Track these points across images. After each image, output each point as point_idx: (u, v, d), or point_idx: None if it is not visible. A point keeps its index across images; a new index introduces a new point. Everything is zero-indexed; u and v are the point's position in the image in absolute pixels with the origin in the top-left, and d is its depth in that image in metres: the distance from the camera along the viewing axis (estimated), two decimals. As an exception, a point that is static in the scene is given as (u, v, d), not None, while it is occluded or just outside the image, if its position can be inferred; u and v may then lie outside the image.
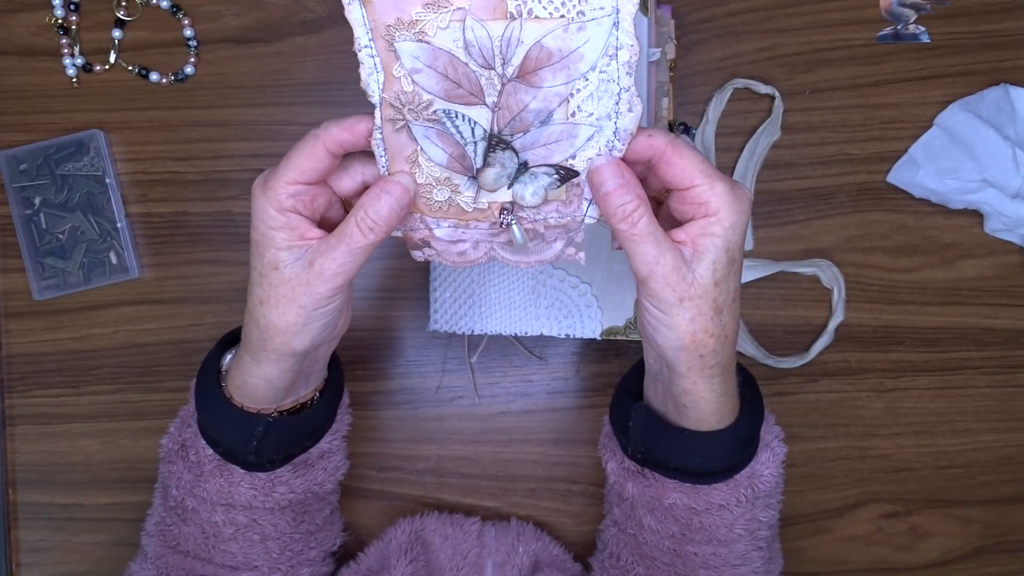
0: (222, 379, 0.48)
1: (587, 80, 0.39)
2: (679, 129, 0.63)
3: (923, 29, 0.63)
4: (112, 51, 0.63)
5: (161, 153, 0.64)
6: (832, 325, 0.64)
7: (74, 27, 0.63)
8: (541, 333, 0.61)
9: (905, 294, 0.64)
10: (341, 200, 0.44)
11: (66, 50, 0.63)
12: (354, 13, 0.38)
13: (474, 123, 0.40)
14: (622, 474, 0.50)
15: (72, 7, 0.63)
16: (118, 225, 0.63)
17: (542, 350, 0.65)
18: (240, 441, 0.47)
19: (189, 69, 0.63)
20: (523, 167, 0.41)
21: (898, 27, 0.63)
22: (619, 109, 0.39)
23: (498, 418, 0.65)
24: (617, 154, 0.40)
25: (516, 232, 0.42)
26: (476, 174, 0.41)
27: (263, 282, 0.42)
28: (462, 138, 0.40)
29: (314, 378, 0.49)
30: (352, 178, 0.43)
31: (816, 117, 0.63)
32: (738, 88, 0.63)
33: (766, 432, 0.49)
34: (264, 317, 0.42)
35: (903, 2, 0.62)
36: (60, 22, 0.63)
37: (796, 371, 0.65)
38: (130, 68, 0.63)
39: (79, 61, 0.63)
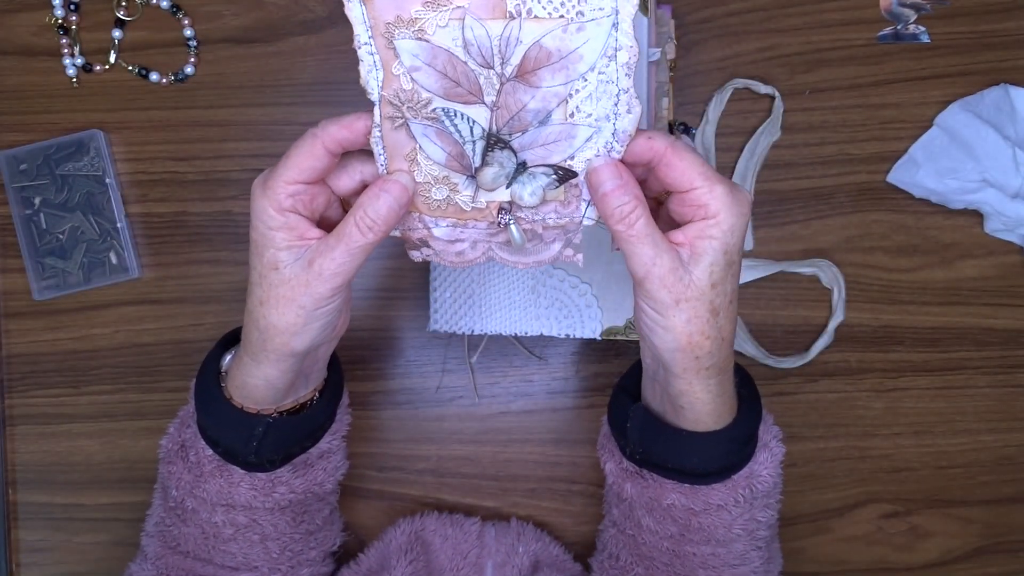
0: (222, 380, 0.48)
1: (586, 81, 0.39)
2: (679, 129, 0.63)
3: (923, 29, 0.63)
4: (112, 51, 0.63)
5: (161, 153, 0.64)
6: (832, 325, 0.64)
7: (74, 27, 0.63)
8: (541, 333, 0.61)
9: (905, 294, 0.64)
10: (340, 200, 0.44)
11: (66, 50, 0.63)
12: (354, 11, 0.38)
13: (473, 122, 0.40)
14: (620, 475, 0.50)
15: (72, 7, 0.63)
16: (118, 225, 0.63)
17: (542, 350, 0.65)
18: (240, 441, 0.47)
19: (189, 69, 0.63)
20: (521, 167, 0.41)
21: (898, 27, 0.63)
22: (618, 110, 0.39)
23: (498, 418, 0.65)
24: (616, 155, 0.40)
25: (514, 232, 0.42)
26: (474, 173, 0.41)
27: (263, 283, 0.42)
28: (460, 137, 0.40)
29: (314, 378, 0.49)
30: (351, 177, 0.43)
31: (816, 117, 0.63)
32: (738, 88, 0.63)
33: (764, 432, 0.49)
34: (264, 318, 0.42)
35: (903, 2, 0.62)
36: (60, 22, 0.63)
37: (796, 371, 0.65)
38: (130, 68, 0.63)
39: (79, 61, 0.63)
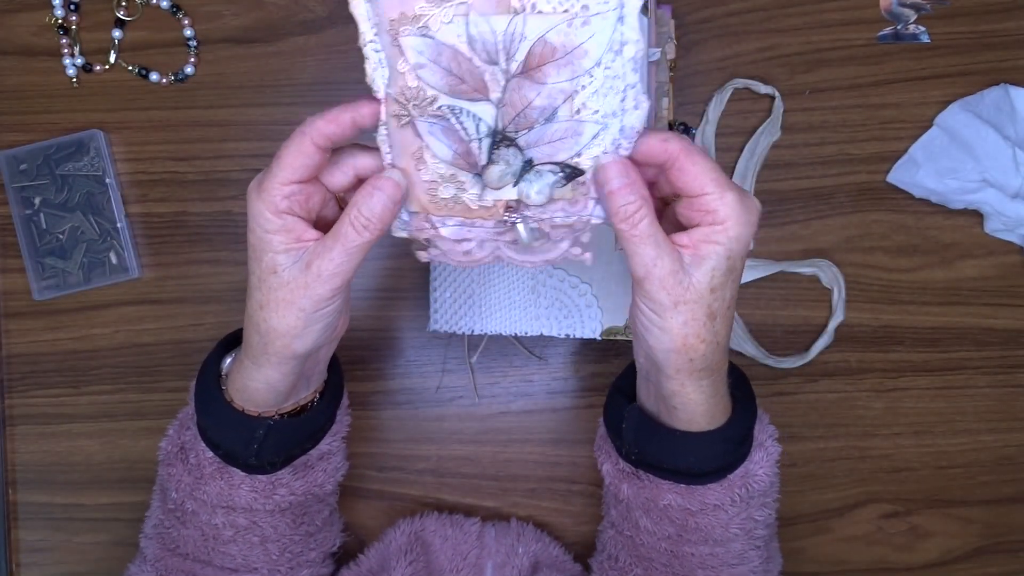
0: (222, 382, 0.48)
1: (592, 76, 0.38)
2: (679, 129, 0.63)
3: (923, 29, 0.63)
4: (112, 51, 0.63)
5: (161, 153, 0.64)
6: (832, 325, 0.64)
7: (74, 27, 0.63)
8: (541, 333, 0.61)
9: (905, 294, 0.64)
10: (335, 198, 0.44)
11: (66, 50, 0.63)
12: (359, 8, 0.37)
13: (478, 119, 0.39)
14: (617, 476, 0.50)
15: (72, 7, 0.63)
16: (118, 225, 0.63)
17: (542, 350, 0.65)
18: (241, 444, 0.47)
19: (189, 69, 0.63)
20: (528, 165, 0.40)
21: (898, 27, 0.63)
22: (625, 106, 0.39)
23: (498, 418, 0.65)
24: (624, 152, 0.40)
25: (522, 231, 0.42)
26: (481, 171, 0.41)
27: (262, 286, 0.42)
28: (467, 134, 0.40)
29: (315, 380, 0.49)
30: (344, 172, 0.42)
31: (816, 117, 0.63)
32: (738, 88, 0.63)
33: (760, 431, 0.49)
34: (264, 321, 0.42)
35: (903, 2, 0.62)
36: (60, 22, 0.63)
37: (796, 371, 0.65)
38: (130, 68, 0.63)
39: (79, 61, 0.63)
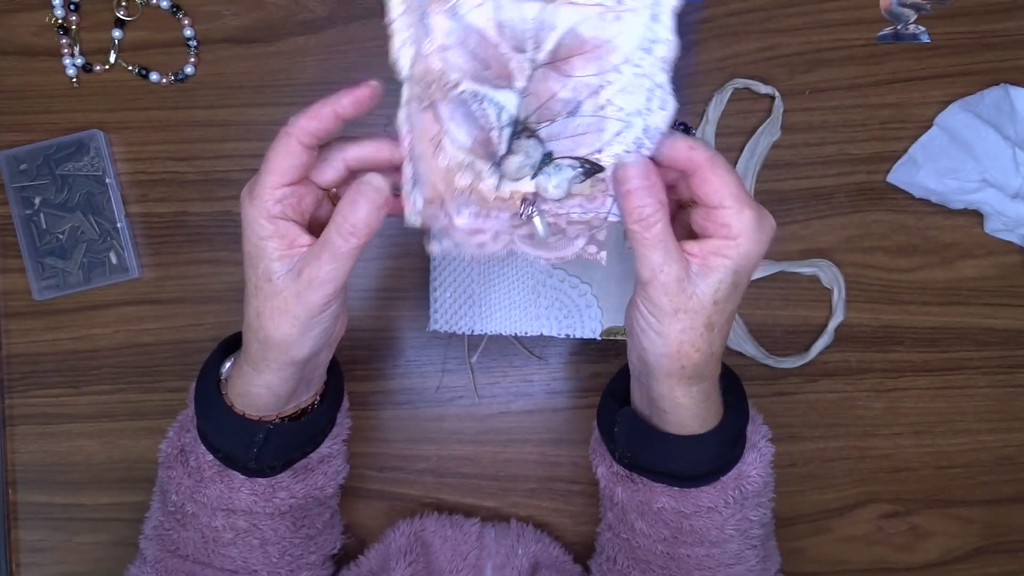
0: (222, 387, 0.48)
1: (620, 73, 0.37)
2: (679, 129, 0.63)
3: (923, 29, 0.63)
4: (112, 51, 0.63)
5: (161, 153, 0.64)
6: (832, 325, 0.64)
7: (74, 27, 0.63)
8: (541, 333, 0.61)
9: (905, 294, 0.64)
10: (329, 196, 0.44)
11: (66, 50, 0.63)
12: None
13: (501, 107, 0.39)
14: (612, 479, 0.50)
15: (72, 7, 0.63)
16: (118, 225, 0.63)
17: (542, 350, 0.65)
18: (240, 448, 0.47)
19: (189, 69, 0.63)
20: (548, 157, 0.40)
21: (898, 27, 0.63)
22: (651, 106, 0.38)
23: (498, 418, 0.65)
24: (646, 152, 0.39)
25: (538, 224, 0.41)
26: (500, 161, 0.40)
27: (258, 294, 0.41)
28: (488, 122, 0.39)
29: (315, 384, 0.49)
30: (333, 167, 0.42)
31: (816, 117, 0.63)
32: (738, 88, 0.63)
33: (753, 432, 0.49)
34: (262, 329, 0.42)
35: (903, 2, 0.62)
36: (60, 22, 0.63)
37: (796, 371, 0.65)
38: (130, 68, 0.63)
39: (79, 61, 0.63)
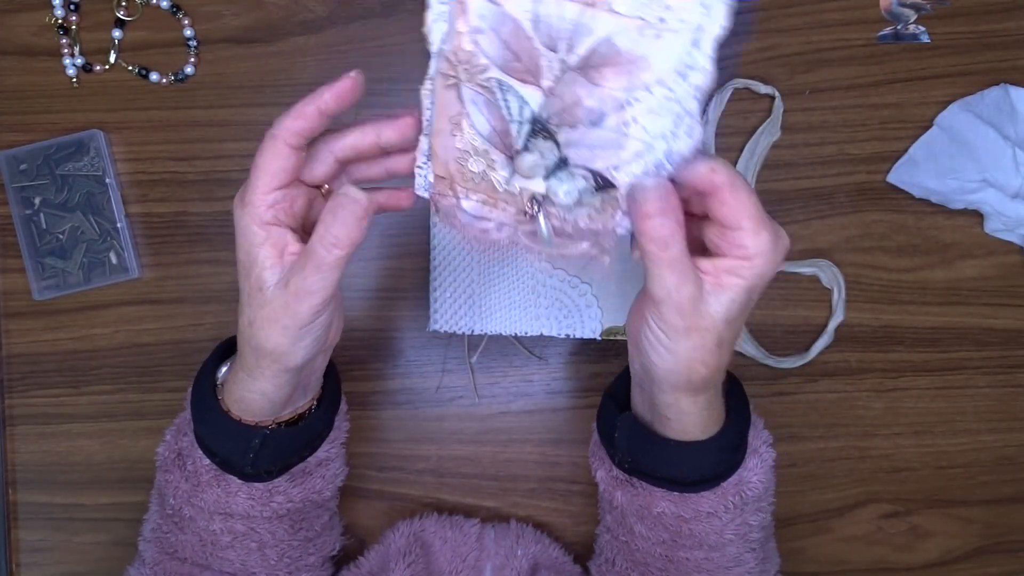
0: (218, 392, 0.48)
1: (650, 93, 0.36)
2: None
3: (923, 29, 0.63)
4: (112, 51, 0.63)
5: (161, 153, 0.64)
6: (832, 325, 0.64)
7: (74, 27, 0.63)
8: (541, 333, 0.61)
9: (905, 294, 0.64)
10: (322, 194, 0.44)
11: (66, 50, 0.63)
12: None
13: (523, 102, 0.38)
14: (611, 483, 0.50)
15: (72, 7, 0.63)
16: (118, 225, 0.63)
17: (542, 350, 0.65)
18: (237, 453, 0.47)
19: (189, 69, 0.63)
20: (562, 163, 0.39)
21: (898, 27, 0.63)
22: (676, 131, 0.37)
23: (498, 418, 0.65)
24: (664, 174, 0.38)
25: (542, 226, 0.40)
26: (514, 155, 0.39)
27: (251, 303, 0.41)
28: (509, 114, 0.38)
29: (312, 388, 0.49)
30: (323, 162, 0.42)
31: (816, 117, 0.63)
32: (738, 88, 0.63)
33: (754, 437, 0.49)
34: (254, 338, 0.42)
35: (903, 2, 0.62)
36: (60, 22, 0.63)
37: (796, 371, 0.65)
38: (130, 68, 0.63)
39: (79, 61, 0.63)
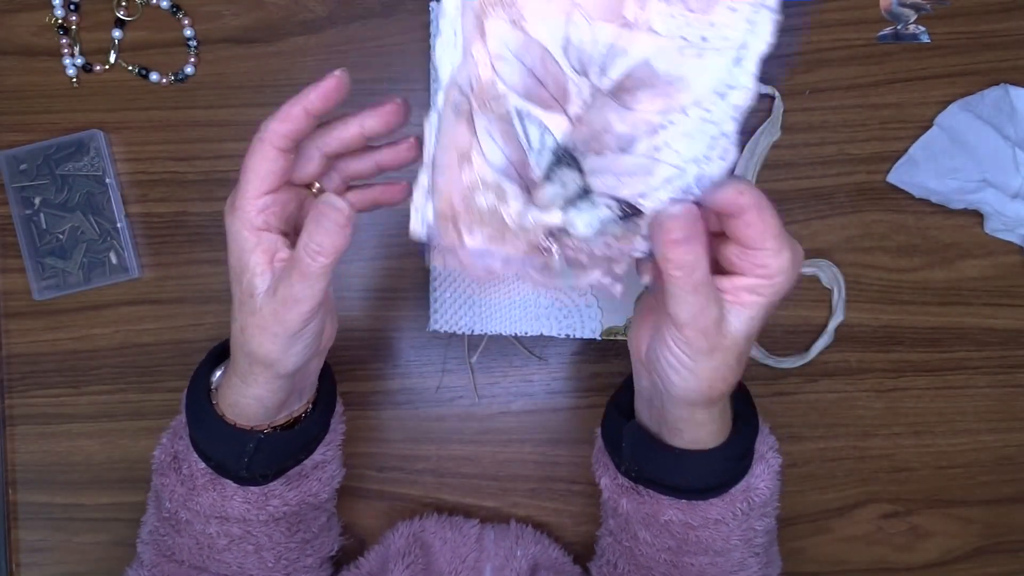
0: (212, 396, 0.48)
1: (686, 115, 0.34)
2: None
3: (923, 29, 0.63)
4: (112, 51, 0.63)
5: (161, 153, 0.64)
6: (832, 325, 0.64)
7: (74, 27, 0.63)
8: (541, 333, 0.61)
9: (905, 294, 0.64)
10: (313, 194, 0.44)
11: (66, 50, 0.63)
12: None
13: (546, 130, 0.35)
14: (616, 490, 0.49)
15: (72, 7, 0.63)
16: (118, 225, 0.63)
17: (542, 350, 0.65)
18: (231, 457, 0.47)
19: (189, 69, 0.63)
20: (585, 192, 0.36)
21: (898, 27, 0.63)
22: (710, 155, 0.35)
23: (498, 418, 0.65)
24: (691, 197, 0.36)
25: (558, 263, 0.38)
26: (531, 187, 0.36)
27: (242, 309, 0.41)
28: (528, 143, 0.35)
29: (307, 392, 0.49)
30: (309, 158, 0.42)
31: (816, 117, 0.63)
32: (738, 88, 0.63)
33: (760, 443, 0.48)
34: (246, 344, 0.42)
35: (903, 2, 0.62)
36: (60, 22, 0.63)
37: (796, 371, 0.65)
38: (130, 68, 0.63)
39: (79, 61, 0.63)
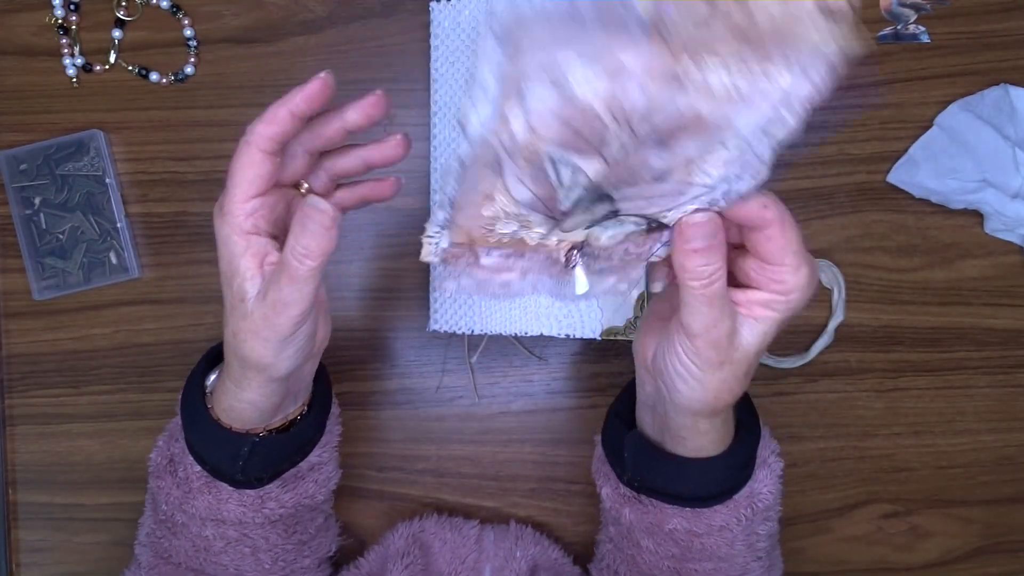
0: (207, 399, 0.48)
1: (726, 148, 0.33)
2: None
3: (923, 29, 0.63)
4: (112, 51, 0.63)
5: (161, 153, 0.64)
6: (832, 325, 0.64)
7: (74, 27, 0.63)
8: (541, 333, 0.61)
9: (905, 294, 0.64)
10: (301, 193, 0.44)
11: (66, 50, 0.63)
12: (488, 50, 0.30)
13: (578, 171, 0.33)
14: (618, 500, 0.49)
15: (72, 7, 0.63)
16: (118, 225, 0.63)
17: (542, 350, 0.65)
18: (226, 460, 0.47)
19: (189, 69, 0.63)
20: (613, 214, 0.36)
21: (898, 27, 0.63)
22: (742, 175, 0.34)
23: (498, 418, 0.65)
24: (715, 209, 0.36)
25: (580, 278, 0.38)
26: (558, 216, 0.35)
27: (234, 314, 0.41)
28: (558, 182, 0.34)
29: (302, 395, 0.49)
30: (294, 156, 0.42)
31: (816, 117, 0.63)
32: (738, 88, 0.63)
33: (763, 448, 0.49)
34: (239, 348, 0.42)
35: (903, 2, 0.62)
36: (60, 22, 0.63)
37: (796, 371, 0.65)
38: (130, 68, 0.63)
39: (79, 61, 0.63)
